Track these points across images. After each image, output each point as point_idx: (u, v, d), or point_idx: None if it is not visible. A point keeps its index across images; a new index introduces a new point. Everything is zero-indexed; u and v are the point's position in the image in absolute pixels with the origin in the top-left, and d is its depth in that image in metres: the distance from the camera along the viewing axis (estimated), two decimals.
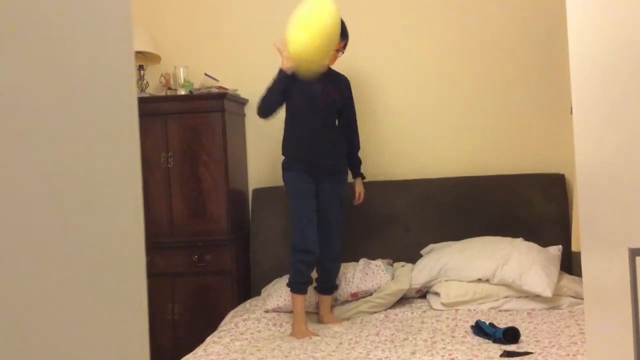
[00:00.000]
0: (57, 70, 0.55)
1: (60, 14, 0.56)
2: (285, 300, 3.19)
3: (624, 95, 1.20)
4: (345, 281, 3.30)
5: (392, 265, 3.46)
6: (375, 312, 3.21)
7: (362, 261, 3.41)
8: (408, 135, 3.81)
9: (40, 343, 0.52)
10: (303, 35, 2.62)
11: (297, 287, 3.03)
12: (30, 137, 0.52)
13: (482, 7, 3.74)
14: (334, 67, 3.20)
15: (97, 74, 0.60)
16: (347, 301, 3.30)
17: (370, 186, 3.70)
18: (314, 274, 3.14)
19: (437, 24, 3.79)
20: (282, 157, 3.21)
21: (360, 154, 3.39)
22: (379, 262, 3.38)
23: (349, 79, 3.28)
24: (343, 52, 3.08)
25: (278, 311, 3.22)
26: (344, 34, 2.99)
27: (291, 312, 3.13)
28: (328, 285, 3.21)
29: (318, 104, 3.08)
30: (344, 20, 3.05)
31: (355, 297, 3.29)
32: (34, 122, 0.52)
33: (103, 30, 0.61)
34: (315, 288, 3.20)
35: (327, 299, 3.20)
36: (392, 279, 3.30)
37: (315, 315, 3.22)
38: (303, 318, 3.01)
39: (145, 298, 0.64)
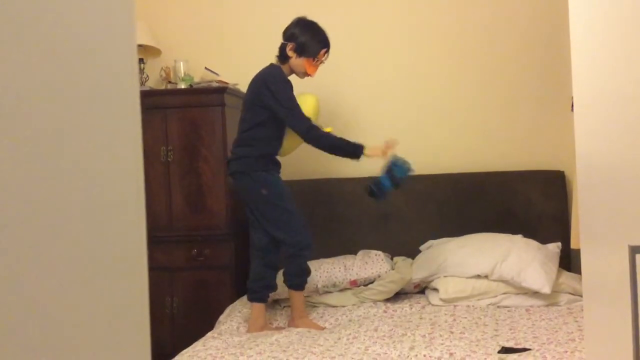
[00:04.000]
0: (60, 64, 0.55)
1: (64, 8, 0.55)
2: (283, 287, 3.18)
3: (625, 92, 1.20)
4: (345, 269, 3.31)
5: (391, 259, 3.48)
6: (377, 300, 3.22)
7: (361, 252, 3.43)
8: (407, 132, 3.80)
9: (42, 336, 0.52)
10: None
11: (303, 284, 3.04)
12: (32, 132, 0.52)
13: (483, 5, 3.74)
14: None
15: (100, 68, 0.60)
16: (346, 288, 3.32)
17: (369, 182, 3.70)
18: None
19: (438, 21, 3.78)
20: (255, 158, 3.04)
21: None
22: (379, 252, 3.41)
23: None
24: (324, 62, 3.09)
25: (277, 298, 3.23)
26: (325, 43, 3.03)
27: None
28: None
29: None
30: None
31: (355, 284, 3.31)
32: (36, 116, 0.52)
33: (107, 24, 0.61)
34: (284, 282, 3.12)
35: (298, 297, 3.13)
36: (392, 269, 3.32)
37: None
38: (305, 311, 3.06)
39: (146, 292, 0.64)
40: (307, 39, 2.99)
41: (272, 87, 2.93)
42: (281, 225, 3.00)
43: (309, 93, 3.16)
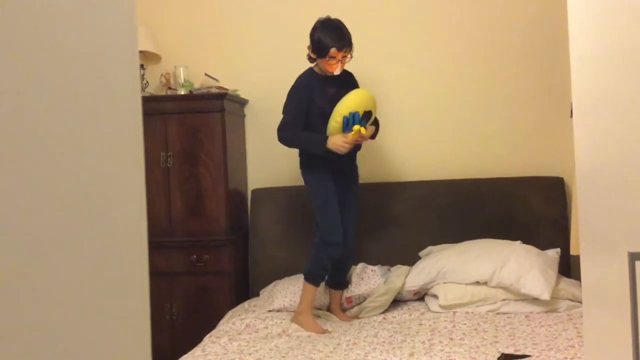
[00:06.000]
0: (61, 70, 0.55)
1: (66, 14, 0.56)
2: (290, 300, 3.20)
3: (625, 99, 1.20)
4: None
5: (389, 271, 3.45)
6: (373, 316, 3.21)
7: (361, 265, 3.42)
8: (408, 137, 3.81)
9: (43, 341, 0.52)
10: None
11: (317, 279, 3.07)
12: (34, 138, 0.52)
13: (483, 11, 3.75)
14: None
15: (101, 74, 0.60)
16: (343, 309, 3.30)
17: (369, 188, 3.70)
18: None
19: (438, 27, 3.79)
20: (294, 156, 3.23)
21: (359, 155, 3.38)
22: (376, 268, 3.38)
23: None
24: (350, 59, 3.08)
25: (283, 311, 3.23)
26: (348, 42, 3.01)
27: (293, 312, 3.14)
28: (342, 281, 3.28)
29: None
30: (348, 26, 3.05)
31: (350, 301, 3.30)
32: (38, 122, 0.52)
33: (108, 30, 0.61)
34: (326, 282, 3.25)
35: (337, 294, 3.27)
36: (385, 282, 3.30)
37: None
38: (311, 310, 3.07)
39: (147, 298, 0.64)
40: (318, 38, 3.00)
41: (289, 92, 3.12)
42: (319, 215, 3.11)
43: (360, 89, 3.19)
